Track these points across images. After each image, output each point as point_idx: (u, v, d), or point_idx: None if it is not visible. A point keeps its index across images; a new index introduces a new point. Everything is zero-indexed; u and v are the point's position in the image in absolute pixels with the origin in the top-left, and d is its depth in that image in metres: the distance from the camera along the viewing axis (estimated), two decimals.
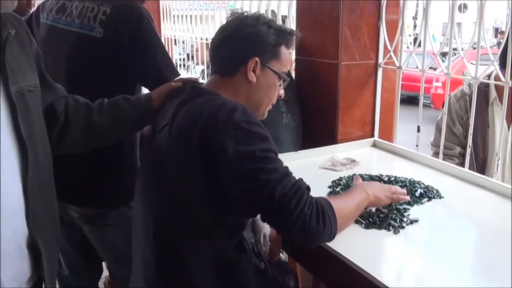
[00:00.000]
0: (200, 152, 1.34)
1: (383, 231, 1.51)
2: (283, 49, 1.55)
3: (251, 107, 1.49)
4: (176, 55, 5.27)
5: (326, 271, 1.51)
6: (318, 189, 1.80)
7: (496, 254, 1.43)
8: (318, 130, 2.50)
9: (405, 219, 1.56)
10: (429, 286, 1.27)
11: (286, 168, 1.36)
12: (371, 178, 1.97)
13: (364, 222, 1.54)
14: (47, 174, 1.35)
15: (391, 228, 1.51)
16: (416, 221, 1.57)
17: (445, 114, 2.19)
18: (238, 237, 1.45)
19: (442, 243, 1.48)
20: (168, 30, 4.89)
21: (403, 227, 1.52)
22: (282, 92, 1.61)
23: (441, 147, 2.21)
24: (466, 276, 1.35)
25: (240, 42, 1.52)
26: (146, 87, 2.10)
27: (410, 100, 8.70)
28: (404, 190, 1.68)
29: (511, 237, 1.48)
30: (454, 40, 2.09)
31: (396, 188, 1.67)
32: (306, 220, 1.28)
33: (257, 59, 1.49)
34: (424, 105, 2.34)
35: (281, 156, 2.07)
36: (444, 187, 1.89)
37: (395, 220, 1.55)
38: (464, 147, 2.37)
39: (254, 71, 1.50)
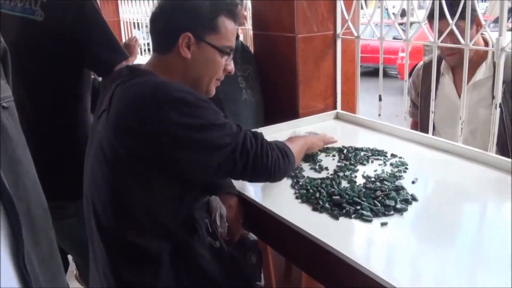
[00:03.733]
0: (142, 131, 1.29)
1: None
2: (223, 21, 1.45)
3: (190, 85, 1.43)
4: (139, 40, 5.12)
5: (296, 252, 1.47)
6: None
7: (470, 218, 1.45)
8: (280, 105, 2.45)
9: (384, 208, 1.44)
10: (399, 262, 1.24)
11: (238, 125, 1.42)
12: (333, 150, 1.95)
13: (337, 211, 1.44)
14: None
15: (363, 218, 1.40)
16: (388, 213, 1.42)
17: (406, 81, 2.16)
18: (186, 218, 1.40)
19: (414, 214, 1.44)
20: (126, 14, 4.78)
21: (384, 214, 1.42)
22: (231, 67, 1.53)
23: (404, 114, 2.20)
24: (440, 244, 1.30)
25: (171, 17, 1.44)
26: (94, 71, 2.02)
27: (377, 72, 8.64)
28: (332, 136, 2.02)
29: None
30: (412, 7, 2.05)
31: (325, 134, 2.02)
32: (277, 164, 1.48)
33: (189, 34, 1.41)
34: (392, 76, 2.34)
35: None
36: (408, 154, 1.88)
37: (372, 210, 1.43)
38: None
39: (188, 46, 1.43)
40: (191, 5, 1.43)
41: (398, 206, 1.43)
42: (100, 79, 2.15)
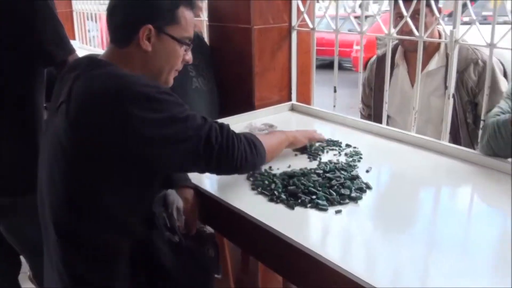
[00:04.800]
0: (105, 126, 1.26)
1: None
2: (183, 12, 1.42)
3: (151, 77, 1.41)
4: (93, 31, 5.03)
5: (252, 243, 1.47)
6: None
7: (423, 205, 1.48)
8: (236, 97, 2.44)
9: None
10: (355, 249, 1.26)
11: (203, 117, 1.38)
12: None
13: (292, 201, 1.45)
14: None
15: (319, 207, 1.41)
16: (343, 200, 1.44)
17: (360, 72, 2.19)
18: (145, 213, 1.39)
19: (368, 202, 1.46)
20: (80, 4, 4.67)
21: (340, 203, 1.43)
22: (189, 57, 1.51)
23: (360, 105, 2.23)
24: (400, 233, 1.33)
25: (131, 9, 1.40)
26: (36, 61, 1.94)
27: (333, 65, 8.67)
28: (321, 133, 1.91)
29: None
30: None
31: (314, 131, 1.91)
32: (243, 156, 1.41)
33: (150, 26, 1.38)
34: (346, 69, 2.37)
35: None
36: (363, 144, 1.90)
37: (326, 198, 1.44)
38: (371, 108, 2.53)
39: (149, 39, 1.39)
40: None
41: (353, 194, 1.45)
42: None
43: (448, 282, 1.07)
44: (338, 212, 1.38)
